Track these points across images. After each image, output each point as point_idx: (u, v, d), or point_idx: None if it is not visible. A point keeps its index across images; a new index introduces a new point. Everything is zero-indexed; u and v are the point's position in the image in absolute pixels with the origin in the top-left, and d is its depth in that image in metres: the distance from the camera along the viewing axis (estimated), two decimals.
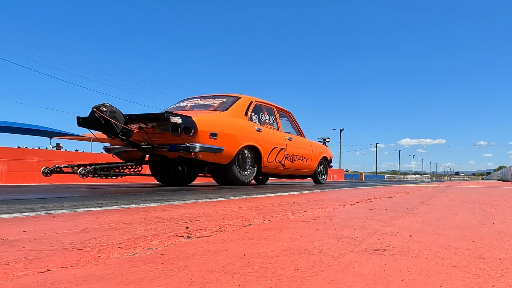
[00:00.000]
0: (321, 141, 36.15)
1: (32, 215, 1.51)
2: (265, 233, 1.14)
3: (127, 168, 4.66)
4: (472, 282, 0.66)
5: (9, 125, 15.89)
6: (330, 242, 1.02)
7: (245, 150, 5.11)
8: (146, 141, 4.40)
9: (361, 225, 1.35)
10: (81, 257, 0.80)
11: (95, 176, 4.13)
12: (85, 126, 4.09)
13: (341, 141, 52.53)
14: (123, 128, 4.05)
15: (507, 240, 1.09)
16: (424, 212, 1.85)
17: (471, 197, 3.23)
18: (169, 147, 4.26)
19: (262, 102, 5.76)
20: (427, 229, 1.29)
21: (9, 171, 6.54)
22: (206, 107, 5.19)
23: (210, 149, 4.40)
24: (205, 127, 4.35)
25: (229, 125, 4.80)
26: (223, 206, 2.00)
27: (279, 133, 5.89)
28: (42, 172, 4.20)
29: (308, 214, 1.70)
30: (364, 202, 2.42)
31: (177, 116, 4.10)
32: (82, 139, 19.16)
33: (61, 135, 18.22)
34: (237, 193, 3.29)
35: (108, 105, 3.96)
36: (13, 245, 0.91)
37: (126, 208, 1.84)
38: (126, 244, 0.94)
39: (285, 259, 0.82)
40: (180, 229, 1.19)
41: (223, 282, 0.64)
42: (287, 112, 6.58)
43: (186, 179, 5.66)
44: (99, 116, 3.87)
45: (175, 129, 4.09)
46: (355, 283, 0.64)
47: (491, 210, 2.03)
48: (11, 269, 0.70)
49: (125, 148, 4.65)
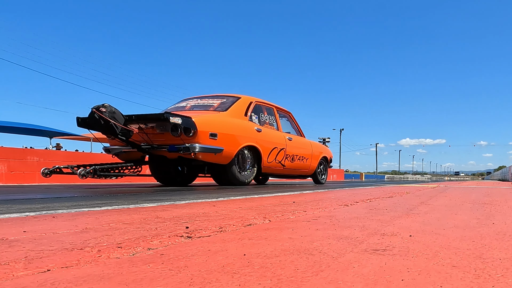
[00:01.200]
0: (321, 141, 36.15)
1: (32, 215, 1.51)
2: (265, 233, 1.14)
3: (126, 168, 4.64)
4: (472, 282, 0.66)
5: (9, 125, 15.89)
6: (330, 242, 1.02)
7: (245, 150, 5.11)
8: (146, 142, 4.39)
9: (361, 225, 1.35)
10: (81, 257, 0.80)
11: (95, 176, 4.13)
12: (85, 127, 4.08)
13: (341, 141, 52.54)
14: (123, 129, 4.04)
15: (507, 240, 1.09)
16: (424, 212, 1.85)
17: (471, 197, 3.23)
18: (168, 147, 4.26)
19: (262, 102, 5.76)
20: (427, 229, 1.29)
21: (9, 171, 6.54)
22: (206, 107, 5.18)
23: (210, 149, 4.40)
24: (204, 127, 4.35)
25: (229, 125, 4.80)
26: (223, 206, 2.00)
27: (279, 133, 5.89)
28: (42, 173, 4.19)
29: (308, 214, 1.70)
30: (364, 202, 2.42)
31: (177, 117, 4.09)
32: (82, 139, 19.15)
33: (61, 135, 18.21)
34: (237, 193, 3.28)
35: (107, 105, 3.96)
36: (13, 245, 0.91)
37: (126, 208, 1.84)
38: (126, 244, 0.94)
39: (285, 259, 0.82)
40: (180, 229, 1.19)
41: (223, 282, 0.64)
42: (287, 112, 6.58)
43: (186, 179, 5.66)
44: (99, 117, 3.86)
45: (174, 130, 4.10)
46: (355, 283, 0.64)
47: (491, 210, 2.03)
48: (11, 269, 0.70)
49: (125, 149, 4.65)
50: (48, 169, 4.21)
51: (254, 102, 5.46)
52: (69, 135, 18.27)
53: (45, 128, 17.32)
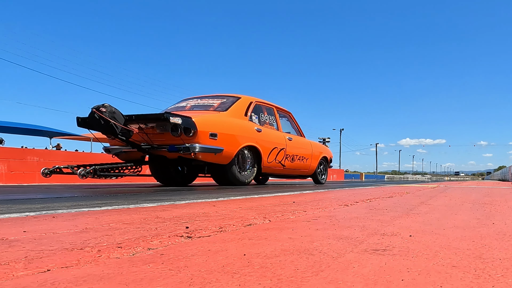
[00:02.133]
0: (321, 141, 36.14)
1: (32, 215, 1.51)
2: (265, 233, 1.14)
3: (126, 168, 4.65)
4: (472, 282, 0.66)
5: (9, 125, 15.88)
6: (330, 242, 1.02)
7: (245, 150, 5.11)
8: (146, 142, 4.40)
9: (361, 225, 1.35)
10: (81, 257, 0.80)
11: (95, 176, 4.14)
12: (85, 127, 4.10)
13: (341, 141, 52.54)
14: (123, 129, 4.05)
15: (507, 240, 1.09)
16: (424, 212, 1.85)
17: (471, 197, 3.23)
18: (169, 147, 4.27)
19: (262, 102, 5.76)
20: (427, 229, 1.29)
21: (9, 171, 6.54)
22: (206, 107, 5.19)
23: (210, 149, 4.41)
24: (205, 127, 4.36)
25: (229, 125, 4.80)
26: (223, 206, 2.00)
27: (279, 133, 5.89)
28: (42, 173, 4.20)
29: (308, 214, 1.70)
30: (364, 202, 2.42)
31: (177, 117, 4.10)
32: (82, 139, 19.16)
33: (61, 135, 18.21)
34: (237, 193, 3.28)
35: (107, 105, 3.97)
36: (13, 245, 0.91)
37: (126, 208, 1.84)
38: (126, 244, 0.94)
39: (285, 259, 0.82)
40: (180, 229, 1.19)
41: (223, 282, 0.64)
42: (287, 112, 6.59)
43: (186, 179, 5.66)
44: (99, 117, 3.88)
45: (174, 130, 4.11)
46: (355, 283, 0.64)
47: (491, 210, 2.03)
48: (11, 269, 0.70)
49: (125, 149, 4.65)
50: (48, 169, 4.22)
51: (254, 102, 5.46)
52: (69, 135, 18.27)
53: (45, 128, 17.32)
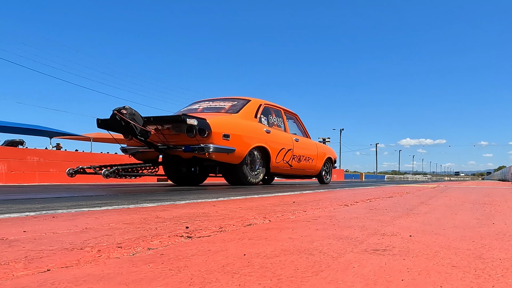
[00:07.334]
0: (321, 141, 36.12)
1: (32, 215, 1.51)
2: (265, 233, 1.14)
3: (145, 168, 4.83)
4: (472, 282, 0.66)
5: (9, 125, 15.87)
6: (330, 242, 1.02)
7: (254, 151, 5.24)
8: (162, 142, 4.57)
9: (361, 225, 1.35)
10: (81, 257, 0.80)
11: (117, 176, 4.30)
12: (105, 128, 4.32)
13: (341, 141, 52.57)
14: (142, 130, 4.24)
15: (507, 240, 1.09)
16: (424, 212, 1.85)
17: (471, 197, 3.23)
18: (184, 147, 4.44)
19: (271, 104, 5.91)
20: (427, 229, 1.29)
21: (9, 171, 6.54)
22: (217, 109, 5.35)
23: (223, 149, 4.55)
24: (218, 128, 4.51)
25: (240, 126, 4.95)
26: (223, 206, 2.00)
27: (286, 135, 6.02)
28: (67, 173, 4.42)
29: (308, 214, 1.70)
30: (364, 202, 2.42)
31: (193, 118, 4.27)
32: (82, 139, 19.17)
33: (61, 135, 18.22)
34: (237, 193, 3.29)
35: (128, 108, 4.18)
36: (13, 245, 0.91)
37: (126, 208, 1.84)
38: (126, 244, 0.94)
39: (285, 259, 0.82)
40: (180, 229, 1.19)
41: (223, 282, 0.64)
42: (294, 114, 6.73)
43: (198, 179, 5.80)
44: (120, 118, 4.06)
45: (190, 131, 4.29)
46: (355, 283, 0.64)
47: (491, 210, 2.03)
48: (11, 269, 0.70)
49: (141, 149, 4.83)
50: (73, 169, 4.42)
51: (263, 104, 5.63)
52: (69, 135, 18.28)
53: (45, 128, 17.32)
